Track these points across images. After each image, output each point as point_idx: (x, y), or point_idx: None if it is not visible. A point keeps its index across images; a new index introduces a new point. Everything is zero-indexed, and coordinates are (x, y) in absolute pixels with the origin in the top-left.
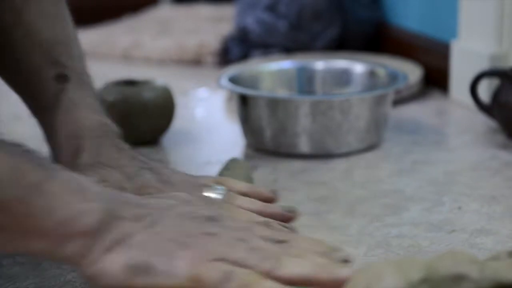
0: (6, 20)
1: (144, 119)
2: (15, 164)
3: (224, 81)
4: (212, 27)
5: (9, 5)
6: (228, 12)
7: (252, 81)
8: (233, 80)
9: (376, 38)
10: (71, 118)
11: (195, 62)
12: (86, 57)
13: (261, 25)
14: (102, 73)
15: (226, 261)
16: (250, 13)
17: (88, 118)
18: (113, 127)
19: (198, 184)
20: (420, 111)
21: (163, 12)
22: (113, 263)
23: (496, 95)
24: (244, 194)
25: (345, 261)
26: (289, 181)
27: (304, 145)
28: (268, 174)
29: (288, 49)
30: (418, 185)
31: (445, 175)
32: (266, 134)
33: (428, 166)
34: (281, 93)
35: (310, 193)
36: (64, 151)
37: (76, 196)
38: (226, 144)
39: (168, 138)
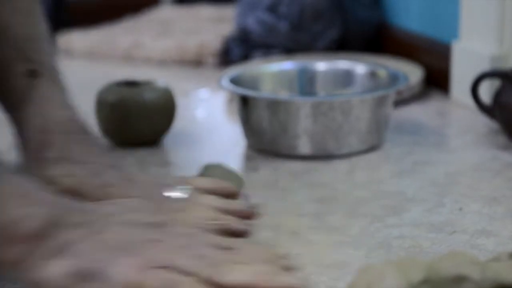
0: None
1: (144, 120)
2: None
3: (225, 82)
4: (213, 27)
5: None
6: (228, 12)
7: (253, 82)
8: (234, 81)
9: (377, 39)
10: (40, 112)
11: (196, 62)
12: (57, 54)
13: (262, 25)
14: (103, 73)
15: (169, 268)
16: (250, 14)
17: (57, 113)
18: (83, 123)
19: (161, 184)
20: (421, 112)
21: (163, 13)
22: (55, 269)
23: (497, 96)
24: (210, 191)
25: (289, 268)
26: (290, 182)
27: (305, 146)
28: (269, 175)
29: (289, 50)
30: (419, 186)
31: (446, 176)
32: (267, 135)
33: (429, 167)
34: (282, 94)
35: (311, 194)
36: (32, 145)
37: (20, 201)
38: (227, 145)
39: (169, 139)
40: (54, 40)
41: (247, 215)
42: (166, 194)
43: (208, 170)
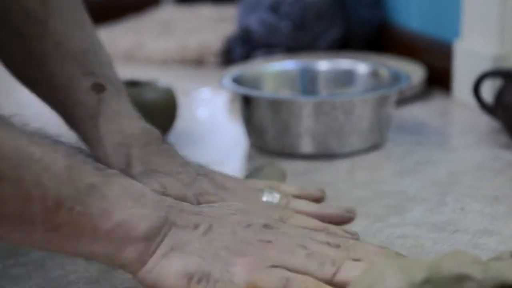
0: (32, 33)
1: (146, 119)
2: (73, 165)
3: (227, 81)
4: (215, 27)
5: (34, 18)
6: (230, 12)
7: (255, 82)
8: (236, 80)
9: (379, 38)
10: (115, 127)
11: (198, 62)
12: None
13: (263, 25)
14: None
15: (284, 267)
16: (252, 14)
17: (132, 126)
18: (157, 132)
19: (252, 189)
20: (423, 112)
21: (165, 13)
22: (170, 270)
23: (499, 95)
24: (296, 196)
25: None
26: (292, 182)
27: (307, 146)
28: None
29: (291, 50)
30: (421, 186)
31: (448, 176)
32: (269, 134)
33: (431, 167)
34: (284, 93)
35: None
36: (114, 161)
37: (133, 202)
38: (229, 144)
39: (170, 139)
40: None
41: (345, 219)
42: (263, 199)
43: (262, 171)
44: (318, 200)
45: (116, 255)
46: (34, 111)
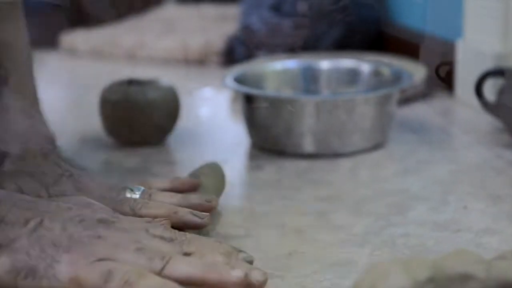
0: None
1: (148, 119)
2: None
3: (229, 80)
4: (217, 27)
5: None
6: (232, 11)
7: (257, 81)
8: (238, 79)
9: (381, 37)
10: (1, 122)
11: (200, 61)
12: (33, 59)
13: (265, 24)
14: (106, 73)
15: (110, 262)
16: (254, 13)
17: (18, 122)
18: (45, 130)
19: (116, 188)
20: (425, 111)
21: (167, 12)
22: None
23: (502, 94)
24: (168, 190)
25: (248, 262)
26: (294, 181)
27: (309, 145)
28: (273, 174)
29: (293, 49)
30: (423, 185)
31: (450, 175)
32: (271, 133)
33: (433, 166)
34: (286, 92)
35: (315, 192)
36: None
37: None
38: (231, 143)
39: (173, 138)
40: (31, 49)
41: (205, 208)
42: (120, 196)
43: (200, 169)
44: (192, 188)
45: None
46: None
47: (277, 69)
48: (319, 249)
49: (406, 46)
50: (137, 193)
